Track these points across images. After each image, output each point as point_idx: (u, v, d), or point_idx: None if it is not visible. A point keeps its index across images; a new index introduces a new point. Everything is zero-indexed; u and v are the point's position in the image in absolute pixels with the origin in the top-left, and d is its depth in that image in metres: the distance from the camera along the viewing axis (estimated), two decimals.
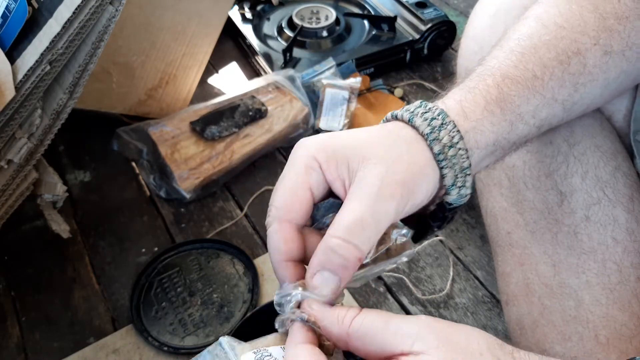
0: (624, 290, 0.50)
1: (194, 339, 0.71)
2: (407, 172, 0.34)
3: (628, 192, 0.52)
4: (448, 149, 0.35)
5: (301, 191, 0.34)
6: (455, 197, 0.37)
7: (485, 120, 0.37)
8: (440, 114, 0.36)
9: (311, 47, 1.11)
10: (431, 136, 0.35)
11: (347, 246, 0.31)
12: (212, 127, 0.91)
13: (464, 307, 0.74)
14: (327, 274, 0.32)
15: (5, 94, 0.60)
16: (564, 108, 0.41)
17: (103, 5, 0.61)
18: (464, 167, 0.36)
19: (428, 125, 0.36)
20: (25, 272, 0.80)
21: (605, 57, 0.41)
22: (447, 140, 0.35)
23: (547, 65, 0.39)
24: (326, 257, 0.32)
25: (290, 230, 0.34)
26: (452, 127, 0.36)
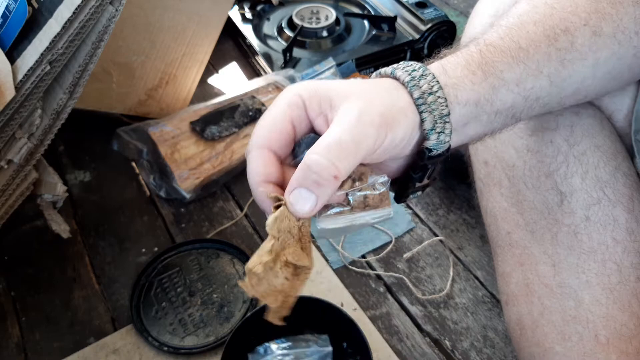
0: (624, 290, 0.50)
1: (194, 339, 0.71)
2: (386, 107, 0.35)
3: (628, 192, 0.52)
4: (427, 96, 0.36)
5: (282, 123, 0.36)
6: (434, 142, 0.37)
7: (465, 79, 0.38)
8: (421, 67, 0.38)
9: (311, 47, 1.11)
10: (411, 83, 0.37)
11: (324, 162, 0.32)
12: (212, 127, 0.91)
13: (464, 307, 0.74)
14: (304, 191, 0.33)
15: (5, 94, 0.60)
16: (551, 82, 0.41)
17: (103, 5, 0.61)
18: (443, 113, 0.37)
19: (408, 75, 0.37)
20: (25, 272, 0.80)
21: (595, 37, 0.41)
22: (426, 88, 0.36)
23: (533, 39, 0.40)
24: (303, 174, 0.33)
25: (269, 156, 0.36)
26: (431, 77, 0.37)
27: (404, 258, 0.80)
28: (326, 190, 0.33)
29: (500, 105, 0.39)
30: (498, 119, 0.40)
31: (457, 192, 0.89)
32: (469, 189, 0.69)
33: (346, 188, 0.35)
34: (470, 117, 0.39)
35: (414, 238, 0.83)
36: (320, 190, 0.33)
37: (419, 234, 0.83)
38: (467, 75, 0.38)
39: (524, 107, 0.41)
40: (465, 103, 0.38)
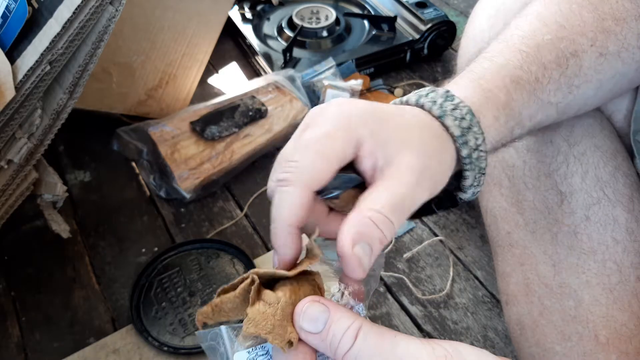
0: (624, 290, 0.50)
1: (194, 339, 0.71)
2: (437, 169, 0.33)
3: (628, 192, 0.52)
4: (473, 152, 0.35)
5: (335, 160, 0.31)
6: (470, 195, 0.37)
7: (492, 128, 0.37)
8: (468, 114, 0.35)
9: (311, 47, 1.11)
10: (460, 140, 0.35)
11: (388, 222, 0.29)
12: (212, 127, 0.91)
13: (464, 307, 0.74)
14: (366, 245, 0.29)
15: (5, 94, 0.60)
16: (557, 110, 0.41)
17: (103, 5, 0.61)
18: (482, 167, 0.36)
19: (458, 126, 0.35)
20: (25, 272, 0.80)
21: (601, 58, 0.41)
22: (473, 144, 0.35)
23: (547, 68, 0.40)
24: (365, 229, 0.29)
25: (309, 197, 0.30)
26: (477, 128, 0.35)
27: (404, 258, 0.80)
28: (379, 250, 0.30)
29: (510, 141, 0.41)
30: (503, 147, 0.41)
31: None
32: None
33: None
34: None
35: (414, 238, 0.83)
36: (377, 248, 0.29)
37: (419, 234, 0.83)
38: (493, 124, 0.37)
39: (527, 134, 0.42)
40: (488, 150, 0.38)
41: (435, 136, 0.34)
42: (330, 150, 0.31)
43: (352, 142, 0.31)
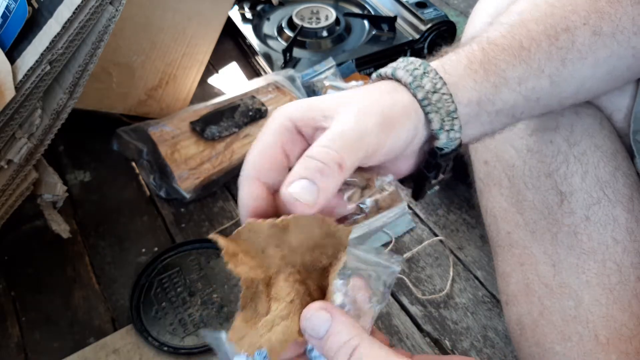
0: (624, 290, 0.50)
1: (194, 339, 0.71)
2: (386, 108, 0.34)
3: (628, 192, 0.52)
4: (432, 95, 0.35)
5: (271, 150, 0.33)
6: (445, 141, 0.36)
7: (467, 78, 0.37)
8: (422, 64, 0.36)
9: (311, 47, 1.11)
10: (414, 84, 0.36)
11: (325, 150, 0.30)
12: (212, 127, 0.91)
13: (464, 307, 0.74)
14: (304, 181, 0.30)
15: (5, 94, 0.60)
16: (551, 82, 0.40)
17: (103, 5, 0.61)
18: (450, 110, 0.36)
19: (410, 75, 0.36)
20: (25, 272, 0.80)
21: (594, 37, 0.41)
22: (430, 87, 0.36)
23: (535, 38, 0.39)
24: (302, 165, 0.30)
25: (258, 187, 0.33)
26: (434, 74, 0.36)
27: (404, 258, 0.80)
28: (330, 182, 0.30)
29: (501, 105, 0.39)
30: (498, 119, 0.40)
31: (457, 192, 0.89)
32: (469, 189, 0.69)
33: (356, 199, 0.34)
34: (471, 117, 0.38)
35: (414, 238, 0.83)
36: (323, 180, 0.30)
37: (419, 234, 0.83)
38: (469, 74, 0.38)
39: (524, 107, 0.40)
40: (467, 103, 0.37)
41: (382, 90, 0.36)
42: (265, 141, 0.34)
43: (284, 127, 0.34)
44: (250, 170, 0.34)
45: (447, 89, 0.36)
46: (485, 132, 0.41)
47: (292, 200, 0.30)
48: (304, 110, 0.34)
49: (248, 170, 0.34)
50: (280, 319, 0.30)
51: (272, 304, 0.31)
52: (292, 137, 0.34)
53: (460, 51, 0.39)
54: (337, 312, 0.30)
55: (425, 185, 0.40)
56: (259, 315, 0.32)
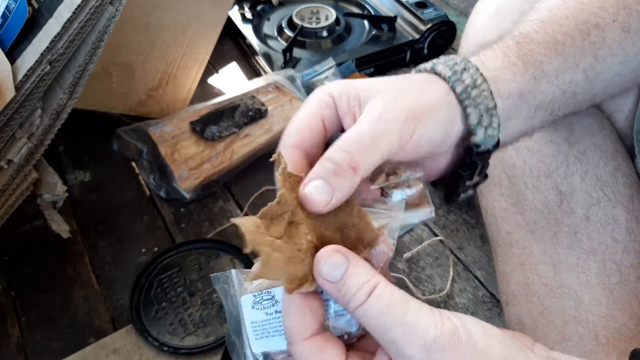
0: (624, 290, 0.50)
1: (194, 339, 0.71)
2: (415, 102, 0.34)
3: (628, 192, 0.52)
4: (471, 89, 0.35)
5: (313, 121, 0.34)
6: (482, 138, 0.36)
7: (506, 71, 0.37)
8: (463, 61, 0.36)
9: (311, 47, 1.11)
10: (453, 78, 0.35)
11: (341, 153, 0.31)
12: (212, 127, 0.91)
13: (464, 307, 0.74)
14: (320, 181, 0.31)
15: (6, 94, 0.60)
16: (586, 77, 0.40)
17: (103, 5, 0.61)
18: (489, 107, 0.35)
19: (450, 69, 0.36)
20: (25, 272, 0.80)
21: (624, 33, 0.40)
22: (469, 82, 0.35)
23: (568, 33, 0.39)
24: (320, 166, 0.31)
25: (300, 156, 0.34)
26: (474, 70, 0.36)
27: (404, 258, 0.80)
28: (344, 183, 0.31)
29: (541, 99, 0.38)
30: (538, 114, 0.39)
31: None
32: None
33: (380, 181, 0.34)
34: (512, 112, 0.37)
35: (414, 238, 0.83)
36: (337, 181, 0.31)
37: (419, 234, 0.83)
38: (507, 66, 0.37)
39: (561, 102, 0.40)
40: (507, 96, 0.36)
41: (417, 81, 0.36)
42: (307, 115, 0.35)
43: (326, 105, 0.35)
44: (291, 138, 0.34)
45: (488, 85, 0.35)
46: (525, 131, 0.40)
47: (307, 200, 0.31)
48: (342, 89, 0.35)
49: (289, 139, 0.34)
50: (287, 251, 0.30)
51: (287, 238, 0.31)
52: (331, 113, 0.35)
53: (495, 47, 0.38)
54: (352, 254, 0.30)
55: (459, 186, 0.40)
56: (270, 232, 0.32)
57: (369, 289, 0.28)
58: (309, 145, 0.34)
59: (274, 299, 0.32)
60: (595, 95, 0.42)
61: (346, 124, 0.35)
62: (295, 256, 0.30)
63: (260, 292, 0.33)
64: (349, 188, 0.31)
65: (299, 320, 0.29)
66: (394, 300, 0.27)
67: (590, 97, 0.42)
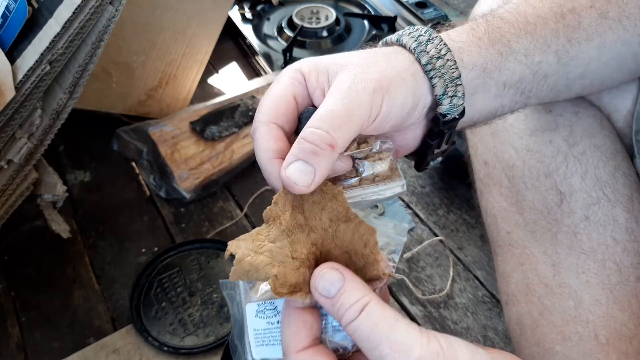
0: (623, 290, 0.50)
1: (194, 339, 0.71)
2: (381, 73, 0.34)
3: (627, 192, 0.52)
4: (436, 60, 0.36)
5: (286, 98, 0.35)
6: (448, 107, 0.36)
7: (471, 44, 0.37)
8: (427, 32, 0.37)
9: (311, 47, 1.11)
10: (418, 49, 0.36)
11: (317, 131, 0.31)
12: (212, 127, 0.91)
13: (464, 307, 0.74)
14: (301, 163, 0.31)
15: (5, 94, 0.60)
16: (558, 58, 0.40)
17: (103, 5, 0.61)
18: (453, 77, 0.36)
19: (415, 40, 0.36)
20: (25, 272, 0.80)
21: (600, 19, 0.41)
22: (434, 52, 0.36)
23: (540, 15, 0.39)
24: (298, 147, 0.32)
25: (277, 130, 0.34)
26: (439, 41, 0.36)
27: (404, 258, 0.80)
28: (324, 161, 0.31)
29: (508, 76, 0.39)
30: (507, 93, 0.40)
31: (457, 192, 0.89)
32: (469, 189, 0.69)
33: (352, 149, 0.34)
34: (479, 85, 0.38)
35: (414, 238, 0.83)
36: (317, 160, 0.31)
37: (419, 234, 0.83)
38: (472, 40, 0.38)
39: (532, 83, 0.40)
40: (472, 67, 0.37)
41: (383, 53, 0.36)
42: (278, 89, 0.35)
43: (295, 79, 0.35)
44: (266, 115, 0.35)
45: (452, 55, 0.36)
46: (495, 108, 0.40)
47: (290, 182, 0.31)
48: (311, 65, 0.36)
49: (264, 115, 0.35)
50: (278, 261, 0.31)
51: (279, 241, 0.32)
52: (301, 89, 0.36)
53: (464, 23, 0.39)
54: (348, 272, 0.31)
55: (427, 154, 0.40)
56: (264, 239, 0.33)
57: (361, 306, 0.29)
58: (284, 121, 0.35)
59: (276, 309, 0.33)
60: (571, 81, 0.42)
61: (316, 99, 0.36)
62: (286, 262, 0.31)
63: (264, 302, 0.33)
64: (328, 165, 0.32)
65: (294, 332, 0.31)
66: (383, 318, 0.28)
67: (566, 82, 0.42)
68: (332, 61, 0.35)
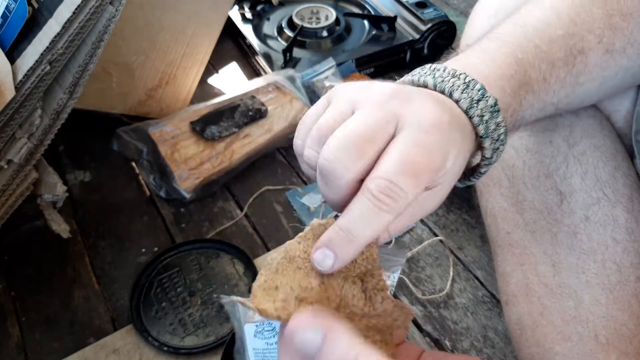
0: (623, 290, 0.50)
1: (194, 339, 0.71)
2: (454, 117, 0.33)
3: (627, 192, 0.52)
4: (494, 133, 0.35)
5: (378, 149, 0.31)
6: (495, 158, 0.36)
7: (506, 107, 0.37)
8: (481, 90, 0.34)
9: (311, 47, 1.11)
10: (484, 134, 0.34)
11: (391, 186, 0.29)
12: (212, 127, 0.91)
13: (464, 307, 0.74)
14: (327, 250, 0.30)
15: (5, 94, 0.60)
16: (556, 108, 0.41)
17: (103, 5, 0.61)
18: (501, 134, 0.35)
19: (479, 117, 0.34)
20: (25, 272, 0.80)
21: (606, 55, 0.41)
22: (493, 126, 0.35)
23: (555, 66, 0.39)
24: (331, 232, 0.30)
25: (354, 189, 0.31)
26: (500, 118, 0.34)
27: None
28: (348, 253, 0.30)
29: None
30: None
31: (457, 192, 0.89)
32: (469, 189, 0.69)
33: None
34: None
35: (414, 238, 0.83)
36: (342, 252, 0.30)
37: (419, 234, 0.83)
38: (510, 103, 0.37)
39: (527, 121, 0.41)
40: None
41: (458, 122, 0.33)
42: (374, 132, 0.30)
43: (390, 124, 0.31)
44: (353, 171, 0.31)
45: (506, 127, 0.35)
46: None
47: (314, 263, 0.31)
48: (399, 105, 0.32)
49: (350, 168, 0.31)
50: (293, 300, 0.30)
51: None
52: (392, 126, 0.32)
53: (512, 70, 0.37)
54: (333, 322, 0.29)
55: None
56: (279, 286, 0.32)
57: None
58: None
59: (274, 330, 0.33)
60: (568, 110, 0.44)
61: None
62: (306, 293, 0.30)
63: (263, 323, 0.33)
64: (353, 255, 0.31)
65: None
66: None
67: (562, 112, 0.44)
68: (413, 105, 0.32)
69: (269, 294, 0.30)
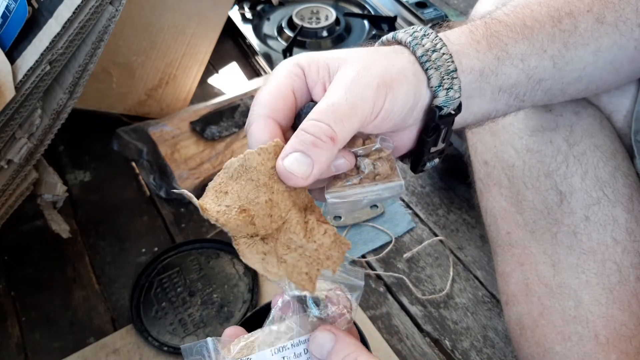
0: (623, 290, 0.50)
1: (194, 339, 0.71)
2: (384, 69, 0.34)
3: (628, 192, 0.52)
4: (431, 53, 0.36)
5: (284, 92, 0.34)
6: (444, 99, 0.36)
7: (469, 47, 0.37)
8: (422, 28, 0.37)
9: (311, 47, 1.11)
10: (413, 42, 0.36)
11: (319, 124, 0.31)
12: (212, 127, 0.91)
13: (464, 307, 0.74)
14: (299, 154, 0.31)
15: (5, 94, 0.60)
16: (554, 63, 0.40)
17: (103, 5, 0.61)
18: (449, 69, 0.36)
19: (410, 35, 0.37)
20: (25, 272, 0.80)
21: (597, 24, 0.41)
22: (429, 46, 0.36)
23: (538, 19, 0.39)
24: (297, 138, 0.31)
25: (274, 126, 0.33)
26: (434, 36, 0.36)
27: (404, 258, 0.80)
28: (323, 154, 0.31)
29: (504, 80, 0.39)
30: (502, 97, 0.40)
31: (457, 192, 0.89)
32: (469, 189, 0.69)
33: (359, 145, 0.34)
34: (475, 89, 0.38)
35: (414, 238, 0.83)
36: (317, 153, 0.31)
37: (419, 234, 0.83)
38: (471, 43, 0.38)
39: (527, 87, 0.40)
40: (469, 71, 0.37)
41: (383, 52, 0.36)
42: (278, 85, 0.34)
43: (296, 76, 0.35)
44: (263, 109, 0.34)
45: (448, 49, 0.36)
46: (489, 111, 0.40)
47: (287, 174, 0.31)
48: (310, 60, 0.35)
49: (260, 109, 0.34)
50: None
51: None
52: (300, 83, 0.35)
53: (463, 24, 0.39)
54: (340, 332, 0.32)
55: (424, 153, 0.39)
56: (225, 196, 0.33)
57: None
58: (281, 116, 0.34)
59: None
60: (565, 85, 0.43)
61: (316, 94, 0.35)
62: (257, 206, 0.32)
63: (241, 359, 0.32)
64: (328, 159, 0.31)
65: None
66: None
67: (560, 86, 0.42)
68: (333, 56, 0.35)
69: (218, 197, 0.32)
